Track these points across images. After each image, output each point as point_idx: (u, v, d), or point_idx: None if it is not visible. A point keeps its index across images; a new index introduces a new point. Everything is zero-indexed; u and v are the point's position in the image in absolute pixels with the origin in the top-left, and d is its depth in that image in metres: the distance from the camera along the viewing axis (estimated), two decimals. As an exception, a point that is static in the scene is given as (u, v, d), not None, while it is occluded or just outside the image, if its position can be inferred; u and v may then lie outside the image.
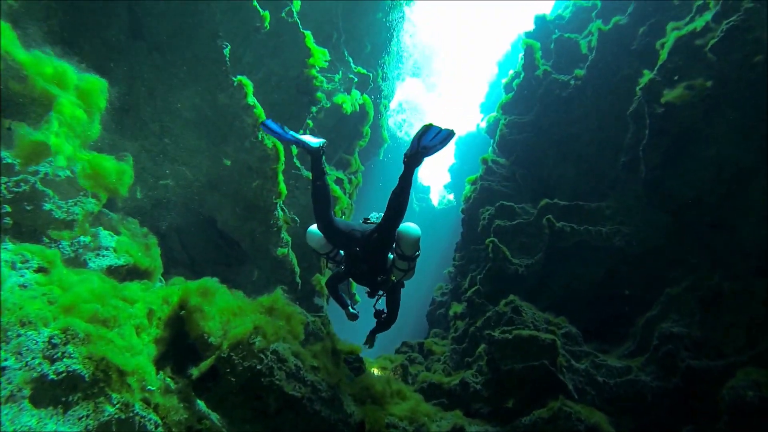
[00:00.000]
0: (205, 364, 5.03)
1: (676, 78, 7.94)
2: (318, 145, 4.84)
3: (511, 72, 18.30)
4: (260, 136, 7.55)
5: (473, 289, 10.43)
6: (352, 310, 6.06)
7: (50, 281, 3.88)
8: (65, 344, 3.56)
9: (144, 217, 7.45)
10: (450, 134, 4.39)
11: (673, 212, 8.84)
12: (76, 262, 4.68)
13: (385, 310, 5.77)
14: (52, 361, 3.50)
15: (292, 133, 4.82)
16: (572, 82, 13.26)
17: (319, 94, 9.65)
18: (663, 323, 7.31)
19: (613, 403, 6.96)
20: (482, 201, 14.91)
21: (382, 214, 4.82)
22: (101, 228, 5.35)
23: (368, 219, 5.25)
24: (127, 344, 3.76)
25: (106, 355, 3.49)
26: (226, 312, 5.45)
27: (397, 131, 34.31)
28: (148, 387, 3.73)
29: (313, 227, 5.13)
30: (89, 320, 3.61)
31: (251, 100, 7.36)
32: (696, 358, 6.76)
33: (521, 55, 16.23)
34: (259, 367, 5.16)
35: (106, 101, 4.41)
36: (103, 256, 4.97)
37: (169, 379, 4.66)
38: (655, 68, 8.41)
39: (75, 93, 4.03)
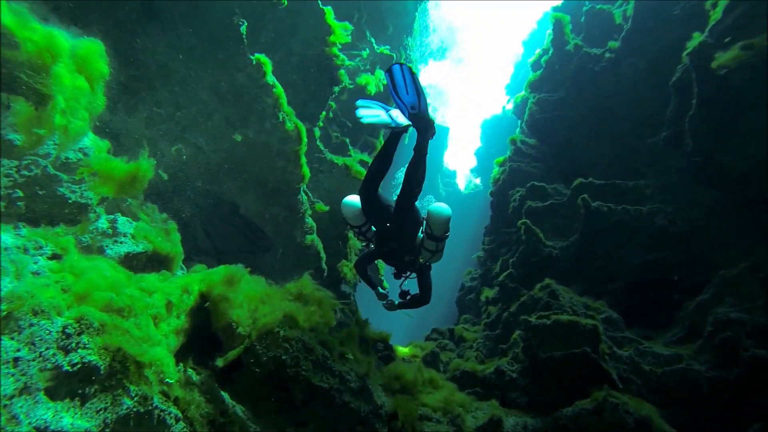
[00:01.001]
0: (233, 354, 4.80)
1: (727, 40, 7.24)
2: (406, 124, 4.64)
3: (538, 51, 17.54)
4: (281, 117, 7.23)
5: (506, 273, 10.00)
6: (381, 290, 5.81)
7: (63, 268, 3.66)
8: (79, 334, 3.35)
9: (165, 203, 7.28)
10: (409, 71, 4.33)
11: (723, 188, 8.18)
12: (93, 249, 4.48)
13: (410, 292, 5.67)
14: (67, 351, 3.30)
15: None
16: (606, 55, 12.52)
17: (341, 72, 9.25)
18: (718, 308, 6.73)
19: (661, 393, 6.49)
20: (512, 182, 14.39)
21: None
22: (119, 214, 5.15)
23: None
24: (144, 335, 3.52)
25: (122, 345, 3.25)
26: (253, 300, 5.20)
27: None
28: (167, 379, 3.50)
29: (350, 198, 5.08)
30: (103, 309, 3.38)
31: (270, 79, 7.04)
32: (762, 346, 6.18)
33: (549, 31, 15.53)
34: (284, 357, 4.91)
35: (107, 66, 4.11)
36: (121, 242, 4.76)
37: (191, 371, 4.45)
38: (707, 29, 7.70)
39: (72, 60, 3.74)
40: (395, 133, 4.69)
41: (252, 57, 6.87)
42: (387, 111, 4.71)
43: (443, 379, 7.07)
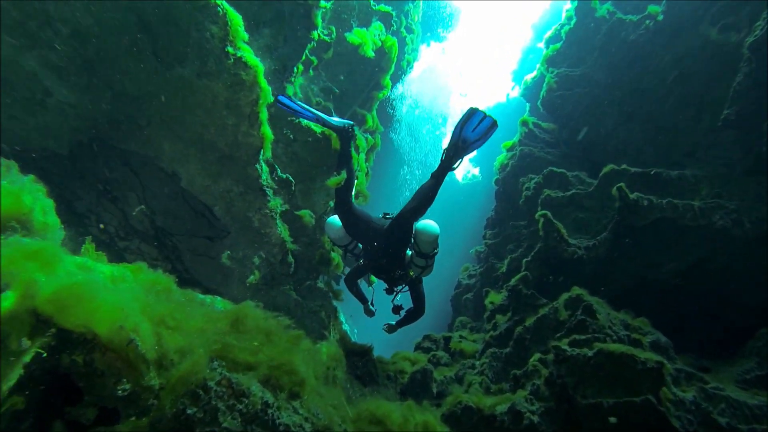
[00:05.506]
0: (126, 428, 2.77)
1: None
2: (343, 125, 4.79)
3: (555, 27, 15.55)
4: (231, 54, 5.22)
5: (519, 276, 8.08)
6: (371, 308, 6.06)
7: None
8: None
9: (65, 170, 5.27)
10: (493, 125, 4.80)
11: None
12: None
13: (403, 306, 5.85)
14: None
15: (310, 109, 4.83)
16: (646, 22, 10.54)
17: (317, 14, 7.13)
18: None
19: (748, 461, 4.63)
20: (522, 169, 12.45)
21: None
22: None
23: (388, 214, 5.06)
24: None
25: None
26: (149, 316, 3.13)
27: (421, 100, 31.31)
28: None
29: (333, 218, 5.15)
30: None
31: (216, -3, 5.02)
32: None
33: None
34: (191, 411, 2.92)
35: None
36: None
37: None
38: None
39: None
40: (341, 138, 4.78)
41: (189, -38, 4.81)
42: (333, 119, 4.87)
43: (440, 423, 5.14)
